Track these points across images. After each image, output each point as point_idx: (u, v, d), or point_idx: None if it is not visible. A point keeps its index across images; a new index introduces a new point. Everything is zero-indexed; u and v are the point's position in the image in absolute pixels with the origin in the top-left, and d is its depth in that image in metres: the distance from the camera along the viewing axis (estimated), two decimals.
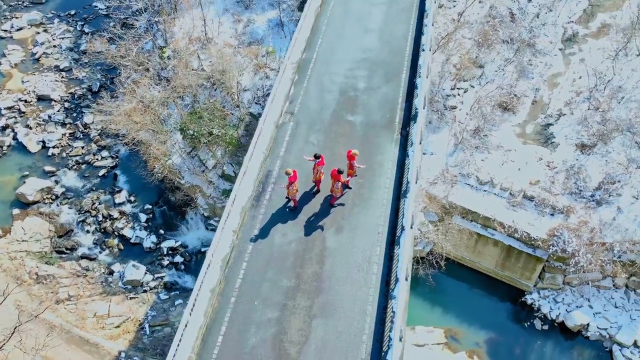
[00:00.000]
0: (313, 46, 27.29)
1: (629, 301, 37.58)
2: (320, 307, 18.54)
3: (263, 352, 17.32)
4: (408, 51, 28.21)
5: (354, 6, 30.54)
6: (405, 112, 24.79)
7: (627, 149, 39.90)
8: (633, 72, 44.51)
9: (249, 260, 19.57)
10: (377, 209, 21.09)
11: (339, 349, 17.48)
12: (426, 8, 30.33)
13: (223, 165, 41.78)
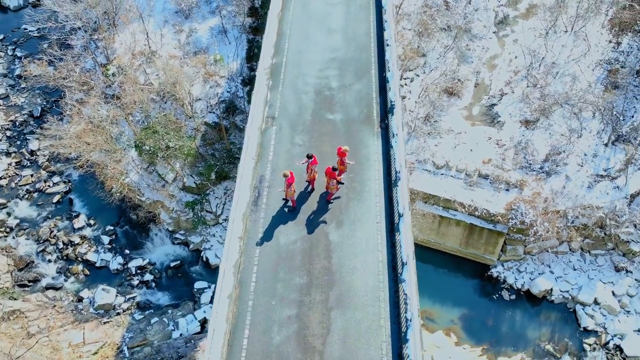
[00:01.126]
0: (281, 50, 27.71)
1: (585, 262, 40.01)
2: (336, 299, 19.30)
3: (289, 348, 17.90)
4: (373, 47, 29.15)
5: (313, 8, 31.13)
6: (381, 106, 25.75)
7: (567, 121, 42.32)
8: (563, 48, 47.20)
9: (258, 264, 19.95)
10: (372, 200, 22.00)
11: (361, 335, 18.29)
12: (383, 4, 31.35)
13: (183, 177, 41.52)
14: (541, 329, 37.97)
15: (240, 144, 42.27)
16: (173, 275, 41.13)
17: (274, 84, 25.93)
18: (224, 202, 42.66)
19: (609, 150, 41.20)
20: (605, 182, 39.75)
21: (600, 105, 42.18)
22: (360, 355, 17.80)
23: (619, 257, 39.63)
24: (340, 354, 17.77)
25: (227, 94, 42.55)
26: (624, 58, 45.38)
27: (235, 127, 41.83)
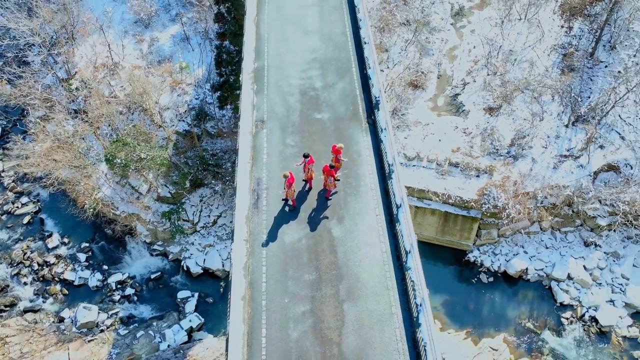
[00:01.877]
0: (261, 54, 27.95)
1: (556, 240, 41.59)
2: (346, 291, 19.78)
3: (307, 342, 18.35)
4: (351, 46, 29.74)
5: (287, 10, 31.42)
6: (366, 102, 26.34)
7: (529, 105, 43.85)
8: (519, 35, 48.81)
9: (267, 264, 20.28)
10: (369, 194, 22.66)
11: (375, 324, 18.94)
12: (356, 3, 31.97)
13: (157, 188, 41.20)
14: (520, 307, 39.31)
15: (212, 150, 42.31)
16: (154, 287, 40.78)
17: (259, 87, 26.22)
18: (201, 210, 42.55)
19: (570, 131, 42.88)
20: (569, 161, 41.40)
21: (559, 89, 43.87)
22: (376, 343, 18.47)
23: (587, 233, 41.33)
24: (357, 343, 18.39)
25: (196, 101, 42.43)
26: (577, 42, 47.24)
27: (207, 134, 41.76)
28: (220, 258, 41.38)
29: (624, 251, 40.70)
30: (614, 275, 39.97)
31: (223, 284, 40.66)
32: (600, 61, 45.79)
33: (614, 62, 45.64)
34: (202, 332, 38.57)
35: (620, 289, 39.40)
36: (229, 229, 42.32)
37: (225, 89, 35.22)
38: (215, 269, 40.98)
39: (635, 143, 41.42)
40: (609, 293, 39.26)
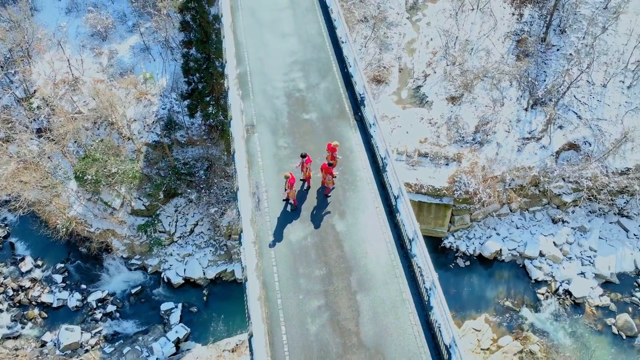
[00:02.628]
0: (242, 60, 28.10)
1: (526, 220, 43.20)
2: (357, 283, 20.40)
3: (327, 335, 18.80)
4: (328, 46, 30.22)
5: (261, 15, 31.60)
6: (351, 100, 26.92)
7: (489, 92, 45.30)
8: (473, 25, 50.29)
9: (277, 264, 20.66)
10: (366, 188, 23.32)
11: (388, 311, 19.55)
12: (328, 4, 32.50)
13: (131, 201, 40.72)
14: (498, 287, 40.68)
15: (184, 159, 42.11)
16: (136, 301, 40.32)
17: (244, 93, 26.50)
18: (176, 220, 42.29)
19: (530, 114, 44.57)
20: (532, 143, 43.04)
21: (516, 74, 45.50)
22: (392, 329, 19.18)
23: (554, 210, 43.11)
24: (374, 331, 19.06)
25: (163, 111, 42.09)
26: (528, 28, 49.03)
27: (177, 143, 41.51)
28: (201, 266, 41.25)
29: (590, 225, 42.65)
30: (582, 248, 41.83)
31: (206, 292, 40.54)
32: (552, 45, 47.69)
33: (565, 45, 47.61)
34: (189, 342, 38.39)
35: (589, 261, 41.26)
36: (206, 236, 42.25)
37: (194, 97, 35.14)
38: (197, 277, 40.83)
39: (591, 121, 43.39)
40: (579, 266, 41.07)
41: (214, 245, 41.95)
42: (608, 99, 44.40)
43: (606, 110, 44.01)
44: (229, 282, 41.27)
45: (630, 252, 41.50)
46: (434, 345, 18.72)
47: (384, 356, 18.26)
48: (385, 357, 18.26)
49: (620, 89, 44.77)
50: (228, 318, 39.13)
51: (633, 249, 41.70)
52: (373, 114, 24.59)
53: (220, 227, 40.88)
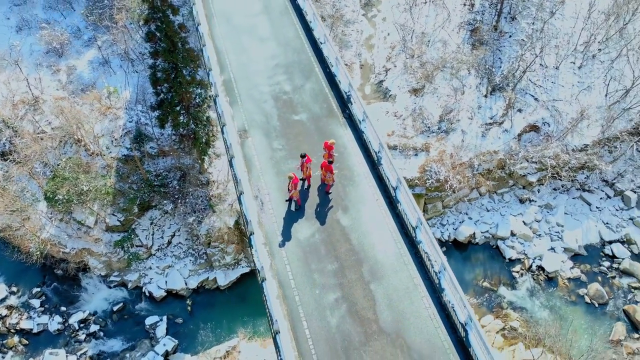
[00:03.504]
0: (225, 67, 28.11)
1: (495, 202, 44.75)
2: (369, 273, 21.30)
3: (348, 325, 19.55)
4: (308, 48, 30.56)
5: (237, 21, 31.65)
6: (337, 99, 27.43)
7: (449, 82, 46.63)
8: (428, 18, 51.58)
9: (289, 262, 21.01)
10: (364, 182, 23.93)
11: (403, 297, 20.49)
12: (302, 7, 32.81)
13: (105, 218, 40.09)
14: (475, 270, 42.03)
15: (156, 171, 41.72)
16: (119, 318, 39.78)
17: (232, 99, 26.66)
18: (153, 233, 41.88)
19: (490, 100, 46.12)
20: (494, 128, 44.58)
21: (473, 63, 46.99)
22: (409, 313, 20.06)
23: (520, 191, 44.80)
24: (392, 316, 19.89)
25: (130, 124, 41.58)
26: (481, 17, 50.67)
27: (148, 155, 41.07)
28: (182, 277, 41.04)
29: (555, 201, 44.55)
30: (550, 225, 43.65)
31: (190, 302, 40.37)
32: (505, 32, 49.44)
33: (516, 31, 49.43)
34: (178, 354, 38.17)
35: (557, 236, 43.10)
36: (185, 246, 42.03)
37: (164, 107, 34.93)
38: (179, 288, 40.60)
39: (548, 102, 45.27)
40: (549, 242, 42.86)
41: (194, 255, 41.79)
42: (561, 80, 46.42)
43: (561, 91, 46.00)
44: (212, 290, 41.23)
45: (595, 224, 43.60)
46: (450, 325, 19.63)
47: (404, 339, 19.14)
48: (406, 340, 19.14)
49: (572, 70, 46.87)
50: (215, 326, 39.08)
51: (597, 221, 43.81)
52: (362, 110, 25.35)
53: (199, 235, 40.73)
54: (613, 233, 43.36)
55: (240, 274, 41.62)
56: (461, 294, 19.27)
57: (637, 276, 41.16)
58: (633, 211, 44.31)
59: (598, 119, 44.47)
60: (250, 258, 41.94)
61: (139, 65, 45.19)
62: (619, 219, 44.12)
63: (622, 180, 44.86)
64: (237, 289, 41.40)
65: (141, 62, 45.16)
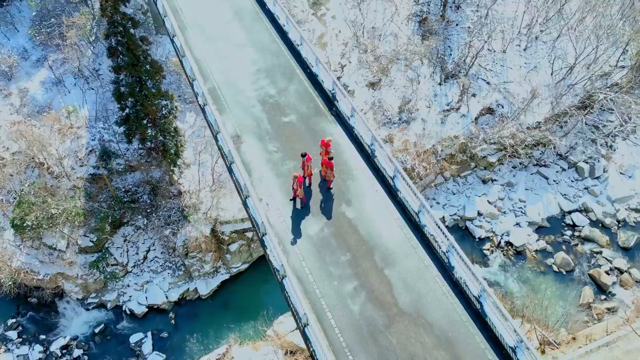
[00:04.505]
0: (207, 76, 28.12)
1: (460, 185, 46.43)
2: (381, 260, 22.09)
3: (370, 311, 20.35)
4: (285, 51, 30.94)
5: (211, 31, 31.67)
6: (322, 98, 28.00)
7: (404, 73, 47.99)
8: (376, 13, 52.81)
9: (304, 258, 21.70)
10: (361, 175, 24.84)
11: (417, 278, 21.45)
12: (272, 12, 33.19)
13: (77, 240, 39.31)
14: None
15: (125, 187, 41.20)
16: (102, 340, 39.13)
17: (220, 107, 26.86)
18: (127, 250, 41.34)
19: (444, 88, 47.75)
20: (452, 114, 46.23)
21: (425, 53, 48.50)
22: (424, 292, 21.13)
23: (482, 172, 46.63)
24: (410, 297, 20.91)
25: (94, 142, 40.85)
26: (427, 8, 52.29)
27: (116, 172, 40.47)
28: (162, 291, 40.72)
29: (515, 179, 46.61)
30: (513, 201, 45.68)
31: (172, 315, 40.10)
32: (452, 21, 51.24)
33: (462, 19, 51.32)
34: None
35: (521, 211, 45.17)
36: (162, 260, 41.68)
37: (131, 122, 34.57)
38: (160, 302, 40.28)
39: (499, 85, 47.30)
40: (514, 218, 44.85)
41: (171, 267, 41.51)
42: (510, 63, 48.56)
43: (510, 74, 48.12)
44: (194, 300, 41.11)
45: (554, 197, 45.90)
46: (465, 299, 20.83)
47: (424, 317, 20.27)
48: (426, 317, 20.28)
49: (518, 52, 49.10)
50: (202, 335, 39.00)
51: (555, 193, 46.14)
52: (350, 106, 26.28)
53: (176, 247, 40.52)
54: (571, 203, 45.78)
55: (221, 281, 41.68)
56: (473, 269, 20.56)
57: (598, 241, 43.64)
58: (587, 181, 46.87)
59: (547, 96, 46.77)
60: (229, 265, 42.06)
61: (94, 82, 44.37)
62: (575, 189, 46.59)
63: (575, 152, 47.36)
64: (219, 297, 41.44)
65: (96, 79, 44.37)
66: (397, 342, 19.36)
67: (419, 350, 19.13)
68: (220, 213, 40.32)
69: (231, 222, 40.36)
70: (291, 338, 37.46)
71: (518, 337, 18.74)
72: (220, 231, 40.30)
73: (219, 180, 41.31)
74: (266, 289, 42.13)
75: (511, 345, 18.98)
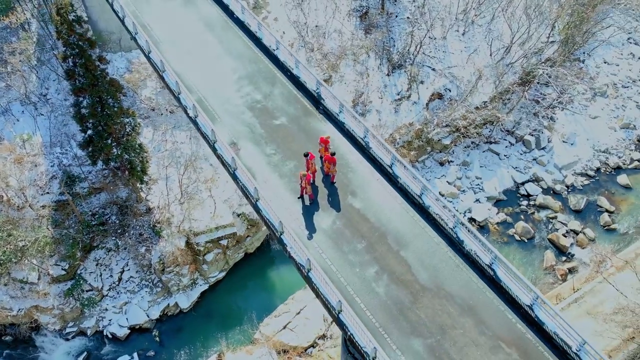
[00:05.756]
0: (191, 88, 27.92)
1: (419, 170, 48.18)
2: (395, 243, 23.30)
3: (394, 291, 21.60)
4: (262, 56, 31.19)
5: (183, 44, 31.39)
6: (308, 98, 28.52)
7: (352, 68, 49.31)
8: (317, 11, 53.86)
9: (323, 251, 22.67)
10: (360, 166, 25.67)
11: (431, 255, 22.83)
12: (242, 20, 33.25)
13: (48, 270, 38.29)
14: None
15: (92, 210, 40.41)
16: None
17: (210, 117, 26.93)
18: (100, 273, 40.57)
19: (393, 78, 49.43)
20: (404, 102, 47.96)
21: (370, 46, 49.98)
22: (441, 267, 22.57)
23: (438, 155, 48.64)
24: (428, 273, 22.31)
25: (53, 169, 39.78)
26: (366, 3, 53.81)
27: (80, 196, 39.60)
28: (142, 310, 40.25)
29: (469, 158, 48.92)
30: (470, 179, 47.95)
31: (156, 332, 39.73)
32: (391, 13, 52.99)
33: (400, 11, 53.17)
34: None
35: (478, 188, 47.49)
36: (137, 279, 41.14)
37: (95, 143, 34.01)
38: (142, 322, 39.81)
39: (444, 70, 49.42)
40: (473, 195, 47.11)
41: (148, 285, 41.06)
42: (451, 48, 50.81)
43: (453, 58, 50.36)
44: (176, 315, 40.89)
45: (507, 171, 48.55)
46: (478, 268, 22.41)
47: (445, 290, 21.73)
48: (446, 289, 21.75)
49: (458, 38, 51.44)
50: (189, 348, 38.92)
51: (507, 167, 48.80)
52: (338, 102, 27.18)
53: (151, 264, 40.15)
54: (523, 175, 48.55)
55: (200, 292, 41.63)
56: (483, 239, 22.20)
57: (552, 207, 46.54)
58: (534, 152, 49.83)
59: (489, 77, 49.31)
60: (206, 275, 42.06)
61: (43, 108, 43.13)
62: (525, 161, 49.43)
63: (520, 127, 50.21)
64: (201, 308, 41.39)
65: (45, 104, 43.15)
66: (425, 316, 20.80)
67: (446, 320, 20.64)
68: (193, 224, 40.28)
69: (205, 232, 40.41)
70: (280, 338, 38.04)
71: (533, 295, 20.54)
72: (195, 242, 40.25)
73: (187, 192, 41.23)
74: (246, 294, 42.47)
75: (527, 304, 20.78)
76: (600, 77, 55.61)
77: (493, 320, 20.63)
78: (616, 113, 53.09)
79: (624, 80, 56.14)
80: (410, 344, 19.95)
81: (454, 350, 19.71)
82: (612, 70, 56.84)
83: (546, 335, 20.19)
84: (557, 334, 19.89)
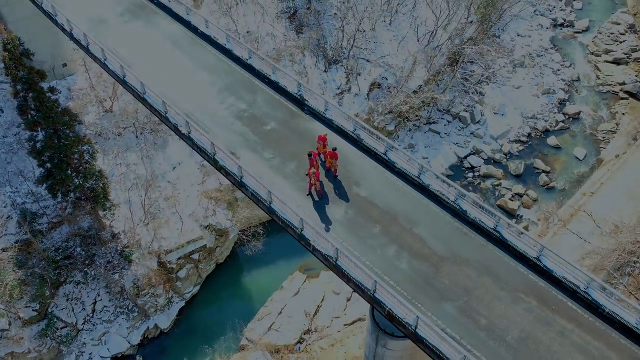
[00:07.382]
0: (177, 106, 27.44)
1: None
2: (407, 222, 24.60)
3: (416, 265, 22.98)
4: (235, 67, 31.16)
5: (156, 64, 30.71)
6: (291, 101, 28.90)
7: (291, 68, 50.33)
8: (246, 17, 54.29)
9: (343, 240, 23.71)
10: (357, 157, 26.61)
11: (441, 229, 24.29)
12: (208, 34, 33.11)
13: (18, 313, 36.92)
14: None
15: (55, 245, 39.27)
16: None
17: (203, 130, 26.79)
18: (73, 308, 39.53)
19: (331, 74, 51.03)
20: (346, 96, 49.66)
21: (304, 46, 51.25)
22: (452, 238, 24.15)
23: None
24: (443, 246, 23.84)
25: (6, 210, 38.21)
26: (292, 4, 54.96)
27: (40, 233, 38.32)
28: (122, 337, 39.64)
29: (414, 140, 51.40)
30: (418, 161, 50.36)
31: (140, 357, 39.20)
32: (318, 11, 54.45)
33: (327, 8, 54.76)
34: None
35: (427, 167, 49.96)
36: (112, 307, 40.41)
37: (55, 176, 33.09)
38: (124, 349, 39.23)
39: (379, 61, 51.55)
40: None
41: (124, 312, 40.43)
42: (381, 39, 53.05)
43: (384, 48, 52.62)
44: (158, 336, 40.56)
45: (449, 147, 51.48)
46: (485, 233, 24.19)
47: (460, 256, 23.46)
48: (462, 255, 23.47)
49: (386, 28, 53.75)
50: None
51: (449, 144, 51.74)
52: (324, 101, 28.14)
53: (125, 290, 39.58)
54: (464, 149, 51.65)
55: (178, 309, 41.49)
56: (486, 206, 24.14)
57: (495, 176, 49.89)
58: (471, 127, 53.09)
59: (421, 61, 51.93)
60: (181, 292, 41.93)
61: None
62: (464, 137, 52.56)
63: (455, 105, 53.29)
64: (182, 325, 41.27)
65: None
66: (449, 282, 22.43)
67: (469, 283, 22.38)
68: (163, 243, 40.07)
69: (176, 249, 40.30)
70: (268, 339, 38.75)
71: (539, 247, 22.79)
72: (167, 261, 40.07)
73: (150, 213, 40.89)
74: (224, 304, 42.75)
75: (535, 257, 23.00)
76: (517, 49, 59.90)
77: (508, 276, 22.71)
78: (536, 81, 57.44)
79: (537, 50, 60.76)
80: (443, 309, 21.65)
81: (482, 308, 21.66)
82: (526, 42, 61.35)
83: (556, 280, 22.48)
84: (565, 278, 22.32)
